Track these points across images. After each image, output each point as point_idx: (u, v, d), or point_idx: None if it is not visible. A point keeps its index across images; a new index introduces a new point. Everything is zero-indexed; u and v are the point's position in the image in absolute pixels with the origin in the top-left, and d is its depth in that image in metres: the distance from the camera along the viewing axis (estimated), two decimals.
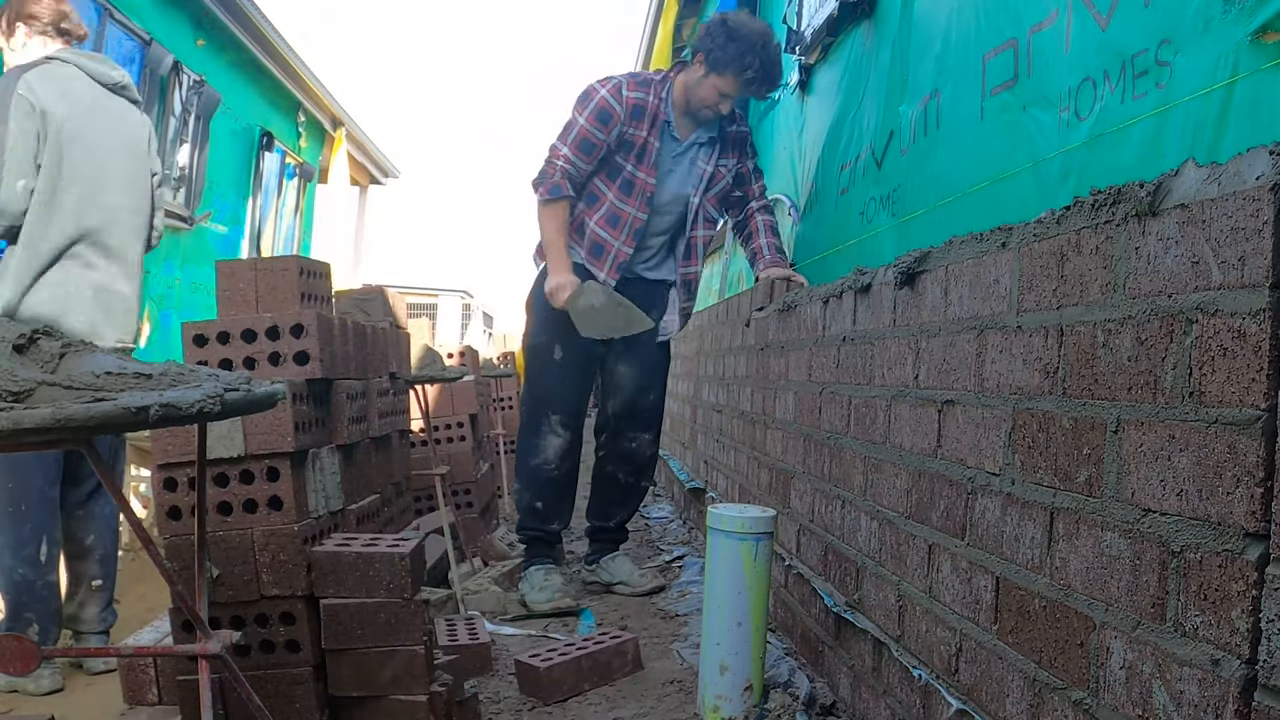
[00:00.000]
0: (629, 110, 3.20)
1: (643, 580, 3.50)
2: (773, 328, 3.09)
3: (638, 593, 3.45)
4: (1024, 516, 1.37)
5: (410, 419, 3.29)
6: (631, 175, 3.27)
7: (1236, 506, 0.94)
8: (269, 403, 1.37)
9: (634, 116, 3.21)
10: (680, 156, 3.34)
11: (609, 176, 3.29)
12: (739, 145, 3.43)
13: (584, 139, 3.19)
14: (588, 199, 3.33)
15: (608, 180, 3.30)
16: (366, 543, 1.94)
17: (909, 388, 1.83)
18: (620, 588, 3.48)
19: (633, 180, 3.27)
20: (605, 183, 3.30)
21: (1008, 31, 1.82)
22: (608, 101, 3.18)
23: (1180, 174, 1.05)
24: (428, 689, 1.88)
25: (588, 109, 3.19)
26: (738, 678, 2.19)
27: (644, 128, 3.23)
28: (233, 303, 2.04)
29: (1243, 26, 1.15)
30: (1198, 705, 0.99)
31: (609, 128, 3.19)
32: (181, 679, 1.83)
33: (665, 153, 3.31)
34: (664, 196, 3.34)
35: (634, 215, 3.29)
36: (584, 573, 3.62)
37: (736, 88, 3.14)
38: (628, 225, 3.30)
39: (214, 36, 7.94)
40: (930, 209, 2.19)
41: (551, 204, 3.24)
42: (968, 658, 1.55)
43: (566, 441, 3.41)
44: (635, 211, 3.29)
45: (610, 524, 3.63)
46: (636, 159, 3.26)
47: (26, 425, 1.03)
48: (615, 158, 3.26)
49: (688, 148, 3.33)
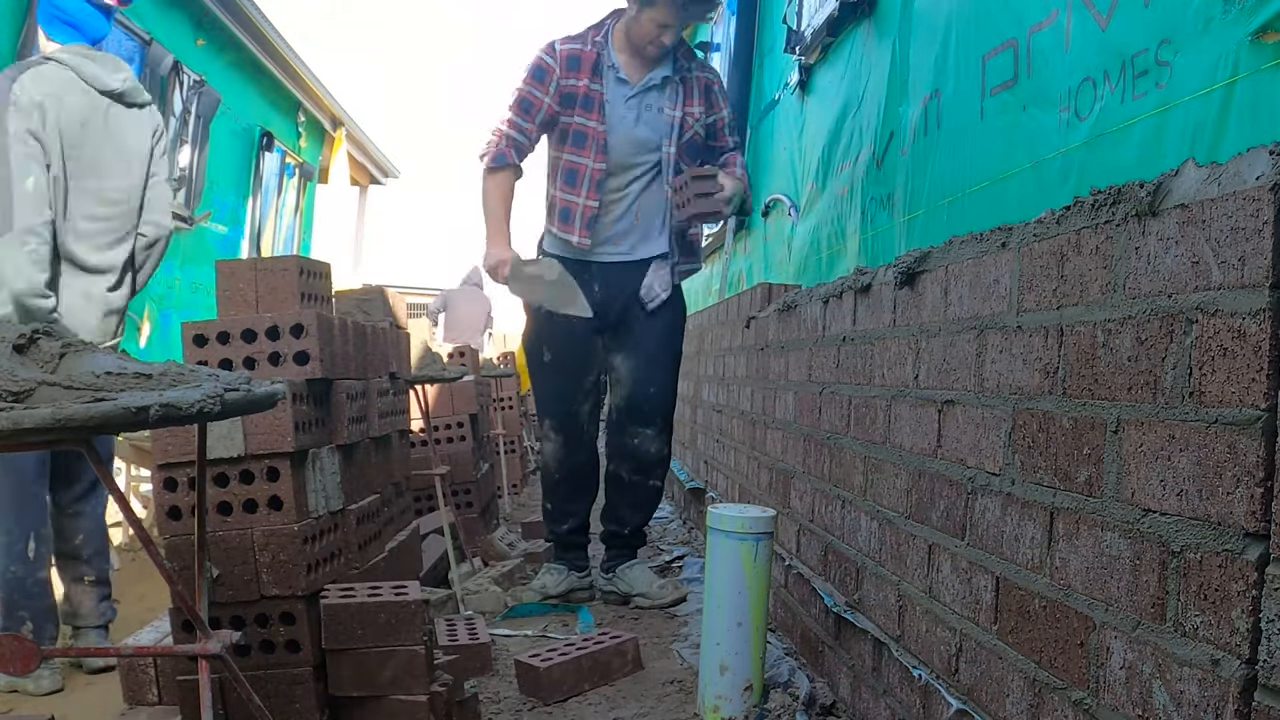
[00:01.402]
0: (564, 62, 3.14)
1: (663, 592, 3.32)
2: (773, 328, 3.09)
3: (658, 605, 3.27)
4: (1024, 516, 1.37)
5: (410, 419, 3.28)
6: (582, 126, 3.17)
7: (1236, 506, 0.94)
8: (269, 403, 1.37)
9: (570, 67, 3.14)
10: (635, 100, 3.20)
11: (561, 140, 3.20)
12: (705, 92, 3.28)
13: (523, 99, 3.14)
14: (551, 175, 3.25)
15: (560, 144, 3.21)
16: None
17: (909, 388, 1.83)
18: (639, 600, 3.31)
19: (584, 130, 3.17)
20: (559, 148, 3.22)
21: (1008, 31, 1.82)
22: (541, 59, 3.15)
23: (1180, 174, 1.05)
24: (428, 689, 1.88)
25: (526, 72, 3.17)
26: (738, 678, 2.19)
27: (583, 76, 3.15)
28: (233, 303, 2.04)
29: (1243, 26, 1.15)
30: (1198, 705, 0.99)
31: (545, 84, 3.13)
32: (181, 679, 1.83)
33: (616, 97, 3.18)
34: (627, 143, 3.20)
35: (590, 166, 3.17)
36: (600, 581, 3.46)
37: (672, 15, 3.04)
38: (586, 178, 3.17)
39: (214, 36, 7.93)
40: (930, 209, 2.19)
41: (495, 173, 3.16)
42: (968, 658, 1.55)
43: (560, 446, 3.34)
44: (591, 162, 3.17)
45: (624, 530, 3.45)
46: (584, 109, 3.16)
47: (26, 425, 1.02)
48: (562, 118, 3.17)
49: (642, 90, 3.19)
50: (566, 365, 3.32)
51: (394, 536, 2.66)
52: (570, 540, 3.43)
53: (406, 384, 2.97)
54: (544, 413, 3.39)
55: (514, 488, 6.09)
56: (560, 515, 3.43)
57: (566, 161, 3.19)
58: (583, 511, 3.45)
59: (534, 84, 3.14)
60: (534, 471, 7.18)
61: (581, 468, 3.41)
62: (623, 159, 3.20)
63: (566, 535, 3.43)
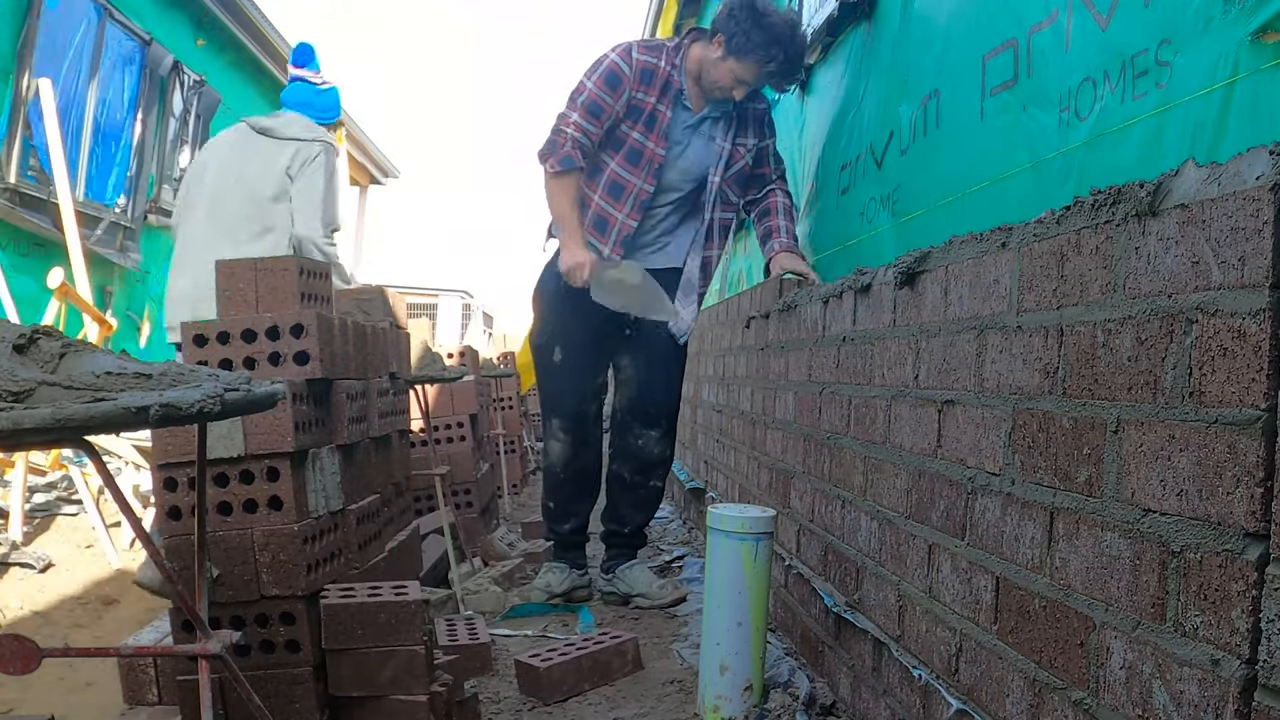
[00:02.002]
0: (638, 73, 3.04)
1: (663, 592, 3.31)
2: (773, 328, 3.09)
3: (658, 605, 3.28)
4: (1024, 516, 1.37)
5: (410, 419, 3.28)
6: (640, 144, 3.09)
7: (1236, 506, 0.94)
8: (269, 403, 1.37)
9: (643, 80, 3.05)
10: (692, 129, 3.16)
11: (613, 147, 3.12)
12: (758, 122, 3.24)
13: (593, 102, 3.03)
14: (590, 172, 3.16)
15: (611, 150, 3.13)
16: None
17: (909, 388, 1.83)
18: (639, 600, 3.32)
19: (641, 149, 3.10)
20: (609, 153, 3.13)
21: (1008, 31, 1.82)
22: (617, 64, 3.03)
23: (1180, 174, 1.05)
24: (428, 689, 1.88)
25: (597, 72, 3.04)
26: (738, 678, 2.19)
27: (654, 93, 3.06)
28: (233, 303, 2.04)
29: (1243, 26, 1.15)
30: (1198, 705, 0.99)
31: (618, 91, 3.03)
32: (181, 679, 1.83)
33: (677, 123, 3.13)
34: (674, 170, 3.17)
35: (639, 186, 3.12)
36: (600, 582, 3.48)
37: (756, 77, 2.98)
38: (632, 197, 3.12)
39: (214, 36, 7.93)
40: (930, 209, 2.19)
41: (562, 176, 3.06)
42: (968, 658, 1.55)
43: (567, 446, 3.33)
44: (640, 183, 3.12)
45: (625, 529, 3.46)
46: (646, 127, 3.08)
47: (26, 425, 1.02)
48: (621, 126, 3.10)
49: (701, 120, 3.15)
50: (580, 365, 3.29)
51: (394, 536, 2.66)
52: (571, 540, 3.44)
53: (406, 384, 2.97)
54: (552, 413, 3.36)
55: (514, 488, 6.09)
56: (563, 515, 3.42)
57: (614, 173, 3.13)
58: (585, 512, 3.46)
59: (606, 89, 3.03)
60: (534, 471, 7.18)
61: (587, 468, 3.41)
62: (669, 183, 3.18)
63: (568, 535, 3.43)
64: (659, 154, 3.10)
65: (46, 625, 3.14)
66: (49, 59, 5.56)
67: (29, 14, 5.35)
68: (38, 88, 5.22)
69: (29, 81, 5.30)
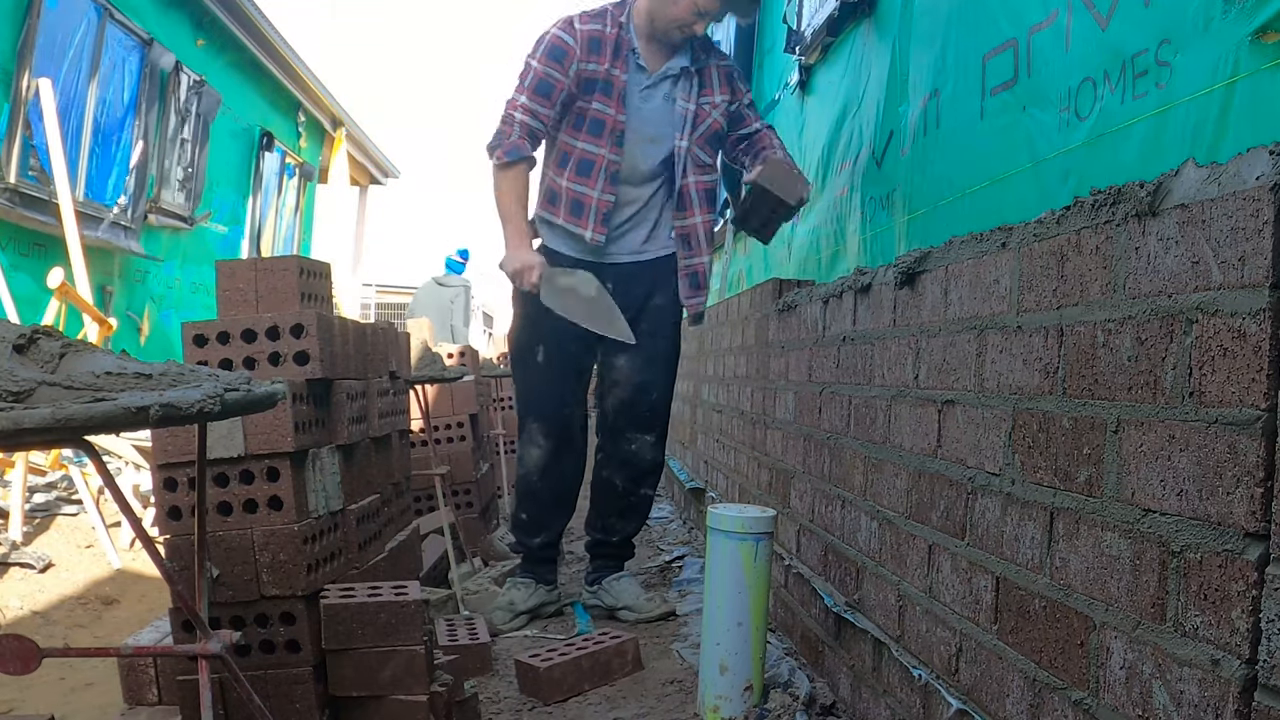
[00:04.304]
0: (585, 43, 2.88)
1: (650, 605, 3.14)
2: (773, 328, 3.09)
3: (644, 619, 3.11)
4: (1024, 516, 1.37)
5: (410, 419, 3.27)
6: (601, 113, 2.92)
7: (1236, 506, 0.94)
8: (269, 403, 1.37)
9: (591, 49, 2.88)
10: (652, 90, 2.98)
11: (575, 125, 2.95)
12: (727, 80, 3.05)
13: (539, 81, 2.87)
14: (558, 161, 3.00)
15: (574, 130, 2.96)
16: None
17: (909, 388, 1.83)
18: (625, 613, 3.14)
19: (603, 119, 2.92)
20: (571, 133, 2.97)
21: (1008, 31, 1.82)
22: (559, 37, 2.88)
23: (1180, 174, 1.05)
24: (428, 689, 1.88)
25: (540, 49, 2.89)
26: (738, 678, 2.19)
27: (604, 60, 2.90)
28: (233, 303, 2.03)
29: (1243, 26, 1.15)
30: (1198, 705, 0.99)
31: (565, 65, 2.87)
32: (181, 679, 1.83)
33: (633, 86, 2.95)
34: (639, 137, 2.98)
35: (606, 157, 2.94)
36: (585, 595, 3.29)
37: (718, 3, 2.84)
38: (602, 170, 2.94)
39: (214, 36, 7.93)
40: (930, 209, 2.19)
41: (509, 168, 2.89)
42: (968, 658, 1.55)
43: (546, 452, 3.11)
44: (607, 153, 2.93)
45: (612, 538, 3.27)
46: (604, 95, 2.92)
47: (27, 425, 1.02)
48: (578, 102, 2.93)
49: (659, 80, 2.97)
50: (564, 366, 3.10)
51: (394, 536, 2.66)
52: (542, 554, 3.22)
53: (406, 384, 2.97)
54: (531, 415, 3.16)
55: (514, 488, 6.08)
56: (535, 527, 3.19)
57: (582, 151, 2.95)
58: (559, 526, 3.24)
59: (550, 64, 2.86)
60: None
61: (566, 477, 3.19)
62: (635, 150, 3.00)
63: (539, 549, 3.20)
64: (619, 120, 2.94)
65: (46, 625, 3.14)
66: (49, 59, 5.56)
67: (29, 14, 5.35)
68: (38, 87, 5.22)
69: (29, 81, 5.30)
